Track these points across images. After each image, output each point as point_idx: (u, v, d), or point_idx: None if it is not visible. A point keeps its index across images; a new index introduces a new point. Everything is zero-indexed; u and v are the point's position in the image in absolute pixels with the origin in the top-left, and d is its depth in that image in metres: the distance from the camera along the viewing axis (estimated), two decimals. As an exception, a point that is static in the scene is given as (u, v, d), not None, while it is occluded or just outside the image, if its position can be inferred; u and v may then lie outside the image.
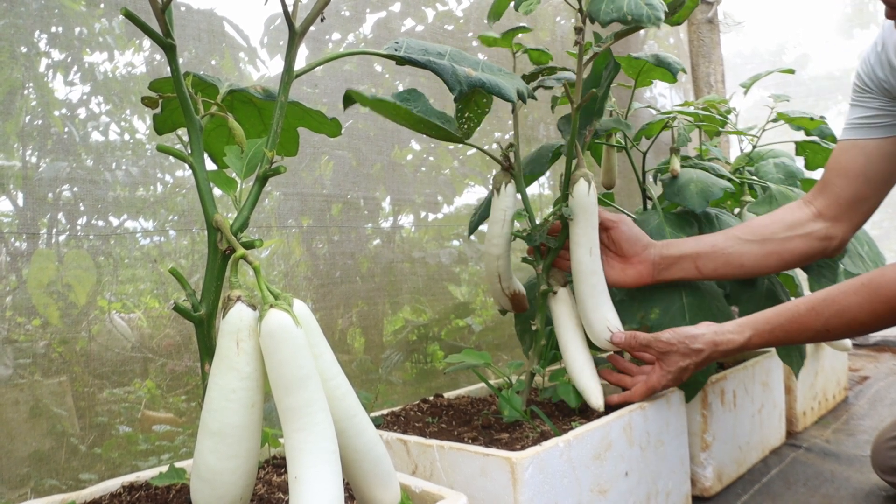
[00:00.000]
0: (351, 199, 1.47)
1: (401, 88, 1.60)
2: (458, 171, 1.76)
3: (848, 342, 1.58)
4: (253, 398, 0.59)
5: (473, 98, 0.91)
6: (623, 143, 1.34)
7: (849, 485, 1.19)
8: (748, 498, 1.15)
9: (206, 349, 0.65)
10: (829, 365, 1.70)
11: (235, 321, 0.59)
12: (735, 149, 1.73)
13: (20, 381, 1.01)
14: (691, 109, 1.40)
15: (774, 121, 1.49)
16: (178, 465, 0.79)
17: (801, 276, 1.36)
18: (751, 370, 1.32)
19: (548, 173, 1.90)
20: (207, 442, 0.59)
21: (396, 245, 1.58)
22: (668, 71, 1.17)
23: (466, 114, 0.92)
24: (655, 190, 1.41)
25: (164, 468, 0.78)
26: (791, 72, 1.53)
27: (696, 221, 1.24)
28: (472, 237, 1.72)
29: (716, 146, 1.52)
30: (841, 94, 2.82)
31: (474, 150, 1.49)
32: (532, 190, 1.96)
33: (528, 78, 1.11)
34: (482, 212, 1.18)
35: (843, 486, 1.18)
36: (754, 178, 1.43)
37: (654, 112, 1.46)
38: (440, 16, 1.71)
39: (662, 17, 0.89)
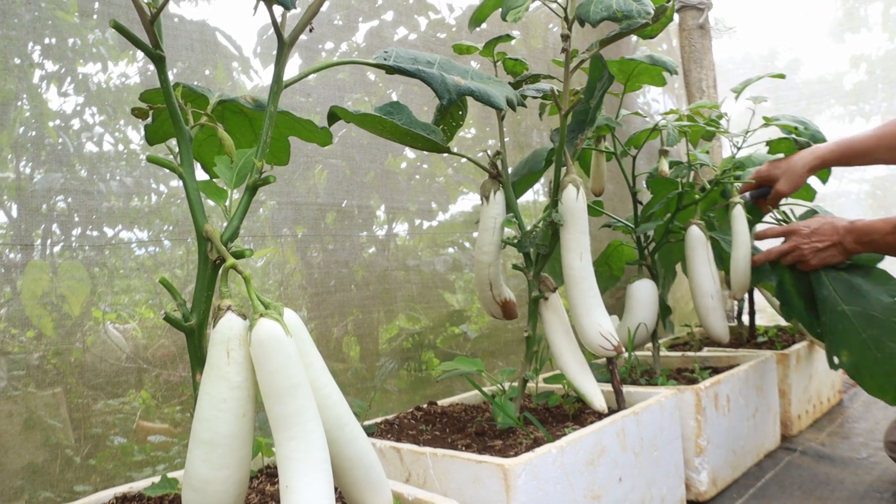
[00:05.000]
0: (345, 207, 1.48)
1: (394, 97, 1.61)
2: (452, 178, 1.77)
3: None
4: (244, 407, 0.59)
5: (450, 111, 0.91)
6: (612, 149, 1.35)
7: (844, 487, 1.19)
8: (743, 502, 1.15)
9: (197, 359, 0.65)
10: (824, 368, 1.71)
11: (225, 330, 0.59)
12: (728, 153, 1.74)
13: (14, 393, 1.01)
14: (674, 118, 1.41)
15: (766, 126, 1.50)
16: (170, 475, 0.79)
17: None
18: (745, 374, 1.32)
19: (542, 179, 1.91)
20: (198, 452, 0.59)
21: (391, 253, 1.58)
22: (664, 69, 1.17)
23: (441, 126, 0.92)
24: (647, 195, 1.42)
25: (157, 479, 0.78)
26: (781, 76, 1.54)
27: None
28: (467, 244, 1.73)
29: (706, 152, 1.53)
30: (833, 97, 2.83)
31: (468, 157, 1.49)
32: (526, 196, 1.96)
33: (515, 86, 1.11)
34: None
35: (838, 489, 1.18)
36: (739, 182, 1.45)
37: (645, 118, 1.47)
38: (433, 24, 1.72)
39: (651, 11, 0.90)
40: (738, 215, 1.38)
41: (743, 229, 1.38)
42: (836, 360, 1.26)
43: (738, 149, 1.49)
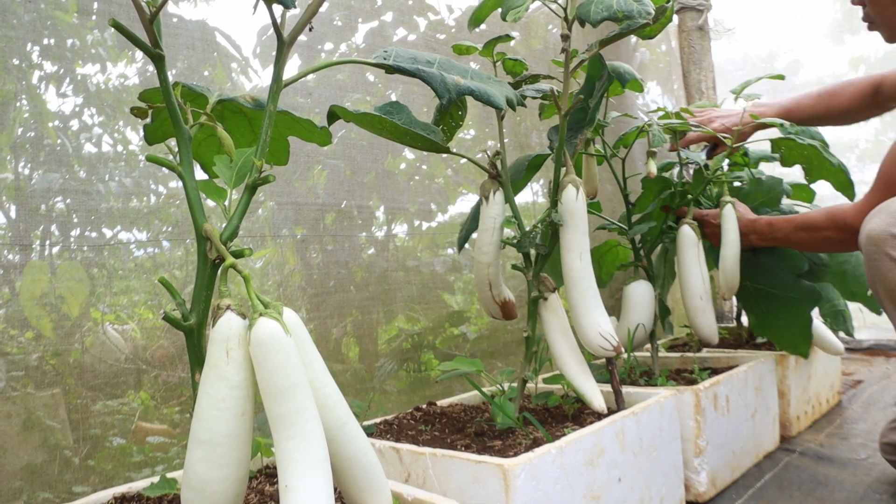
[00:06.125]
0: (345, 208, 1.48)
1: (394, 97, 1.61)
2: (451, 179, 1.77)
3: (841, 346, 1.58)
4: (243, 407, 0.59)
5: (449, 111, 0.91)
6: (602, 152, 1.35)
7: (843, 488, 1.19)
8: (742, 503, 1.15)
9: (197, 358, 0.65)
10: (823, 369, 1.70)
11: (225, 330, 0.59)
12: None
13: (13, 394, 1.01)
14: (660, 115, 1.41)
15: (765, 128, 1.50)
16: (169, 475, 0.79)
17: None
18: (744, 375, 1.32)
19: (541, 181, 1.91)
20: (197, 451, 0.59)
21: (390, 254, 1.58)
22: (620, 83, 1.15)
23: (441, 127, 0.92)
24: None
25: (156, 479, 0.78)
26: (781, 77, 1.55)
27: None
28: (466, 245, 1.73)
29: (701, 150, 1.53)
30: (832, 99, 2.84)
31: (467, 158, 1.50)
32: (526, 198, 1.97)
33: (514, 86, 1.11)
34: (469, 225, 1.18)
35: (836, 490, 1.18)
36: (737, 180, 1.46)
37: (643, 118, 1.47)
38: (432, 25, 1.72)
39: (652, 11, 0.89)
40: (728, 215, 1.38)
41: (732, 228, 1.37)
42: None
43: (732, 147, 1.49)
